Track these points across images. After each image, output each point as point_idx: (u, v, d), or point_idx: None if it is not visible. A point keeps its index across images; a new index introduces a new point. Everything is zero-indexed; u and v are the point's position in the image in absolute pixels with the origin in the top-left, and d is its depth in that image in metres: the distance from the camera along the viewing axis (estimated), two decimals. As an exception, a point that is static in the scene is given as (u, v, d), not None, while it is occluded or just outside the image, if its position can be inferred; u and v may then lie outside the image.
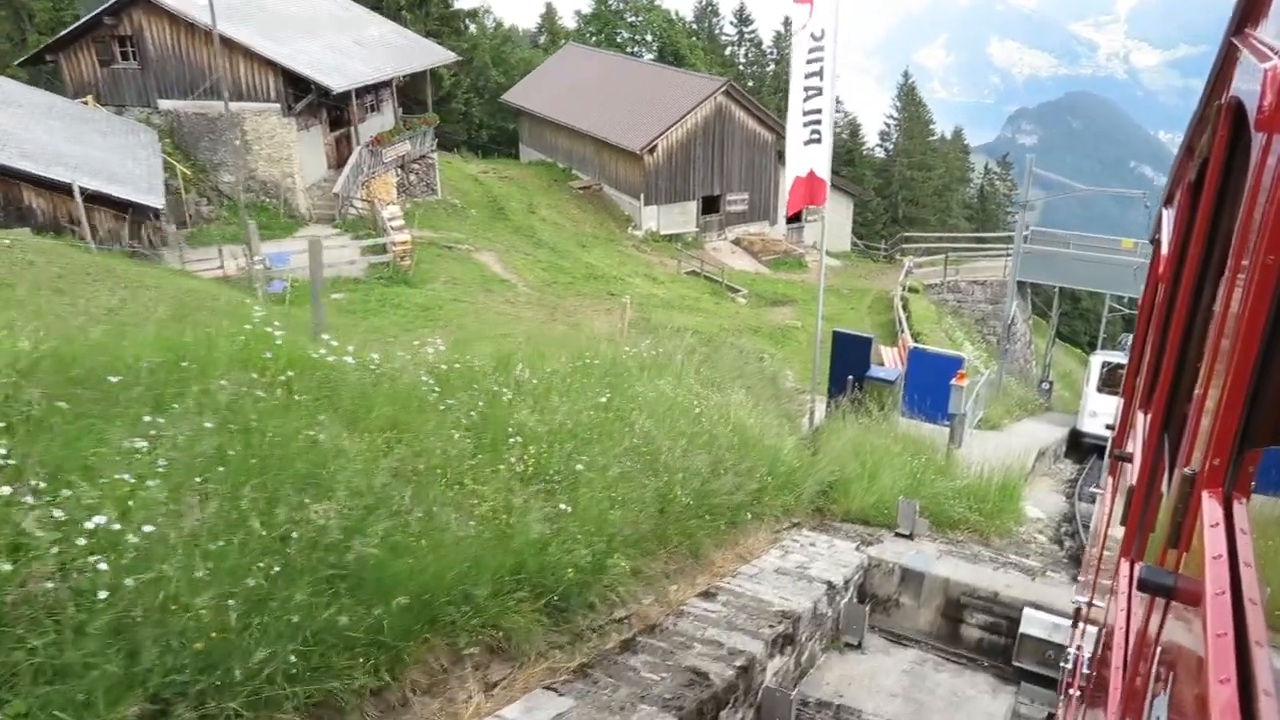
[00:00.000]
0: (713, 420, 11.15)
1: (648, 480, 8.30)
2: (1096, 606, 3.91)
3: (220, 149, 28.49)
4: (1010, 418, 23.82)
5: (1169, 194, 3.89)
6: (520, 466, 7.36)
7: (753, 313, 30.45)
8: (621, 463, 8.35)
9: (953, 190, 73.88)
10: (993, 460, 14.60)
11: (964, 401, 16.42)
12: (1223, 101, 2.17)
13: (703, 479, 9.16)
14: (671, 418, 10.34)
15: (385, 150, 31.10)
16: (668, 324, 25.68)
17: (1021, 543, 13.17)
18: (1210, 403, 1.59)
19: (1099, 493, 8.77)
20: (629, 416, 9.46)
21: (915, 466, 13.13)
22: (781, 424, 13.86)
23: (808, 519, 11.67)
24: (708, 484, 9.20)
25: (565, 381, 9.48)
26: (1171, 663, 1.54)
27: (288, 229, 27.97)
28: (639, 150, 38.47)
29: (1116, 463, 4.54)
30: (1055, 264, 32.12)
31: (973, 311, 35.62)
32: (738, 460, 10.05)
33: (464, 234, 30.88)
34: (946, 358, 18.34)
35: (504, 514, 6.49)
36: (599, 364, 10.90)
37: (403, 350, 8.62)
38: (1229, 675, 1.11)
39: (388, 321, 19.53)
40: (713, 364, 14.21)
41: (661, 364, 12.11)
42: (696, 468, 9.18)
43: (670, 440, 9.28)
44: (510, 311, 23.30)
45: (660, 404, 10.29)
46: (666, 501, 8.39)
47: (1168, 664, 1.58)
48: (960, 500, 12.64)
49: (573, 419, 8.52)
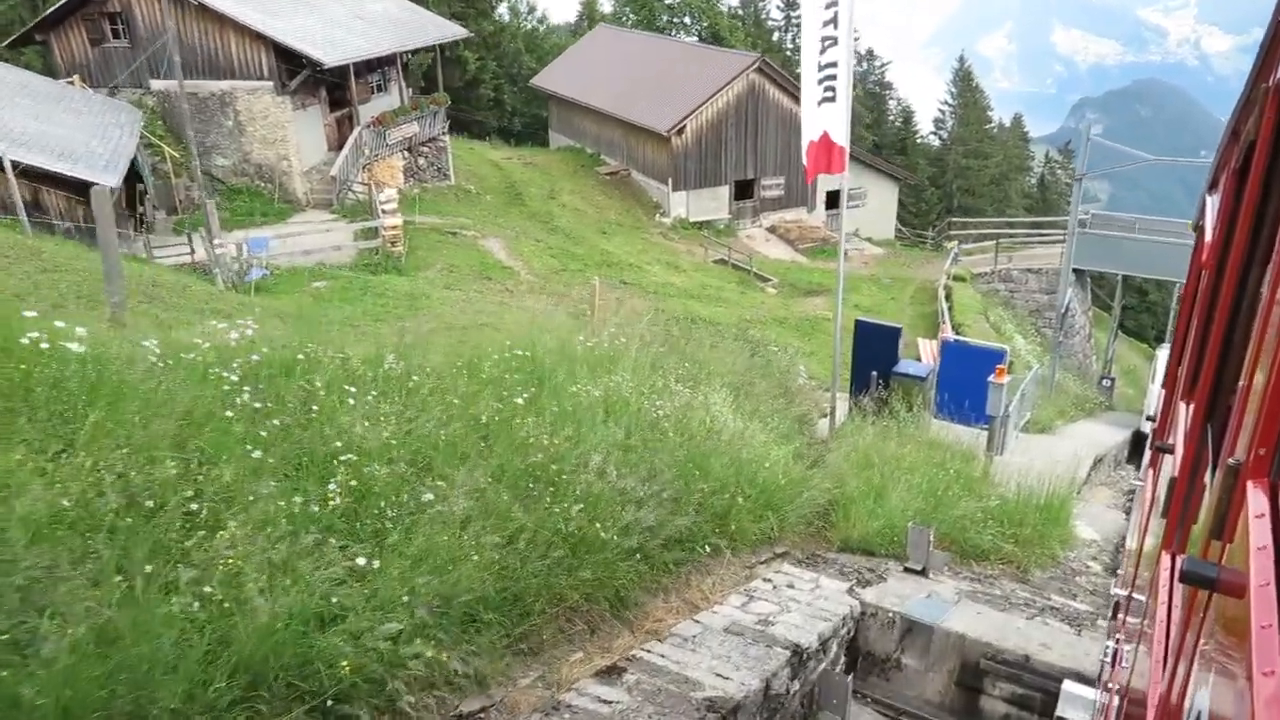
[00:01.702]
0: (679, 426, 8.99)
1: (549, 508, 6.20)
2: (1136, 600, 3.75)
3: (212, 131, 26.88)
4: (1064, 418, 21.24)
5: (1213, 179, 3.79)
6: (337, 499, 5.30)
7: (781, 303, 28.10)
8: (507, 488, 6.26)
9: (1011, 179, 70.80)
10: (1039, 469, 12.16)
11: (1004, 401, 13.99)
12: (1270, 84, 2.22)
13: (639, 504, 7.04)
14: (614, 424, 8.20)
15: (390, 131, 29.24)
16: (682, 314, 23.51)
17: (1069, 576, 10.73)
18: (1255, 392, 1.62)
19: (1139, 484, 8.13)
20: (540, 423, 7.34)
21: (938, 481, 10.77)
22: (784, 428, 11.67)
23: (798, 546, 9.45)
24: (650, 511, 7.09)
25: (448, 381, 7.40)
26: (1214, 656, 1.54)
27: (281, 214, 26.30)
28: (666, 132, 36.22)
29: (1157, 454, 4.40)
30: (1117, 249, 29.30)
31: (1026, 302, 32.83)
32: (690, 477, 7.88)
33: (472, 220, 28.96)
34: (985, 351, 15.90)
35: (259, 579, 4.40)
36: (532, 357, 8.81)
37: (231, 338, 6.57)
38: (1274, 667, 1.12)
39: (358, 311, 17.64)
40: (696, 357, 12.00)
41: (616, 357, 9.92)
42: (631, 490, 7.05)
43: (600, 455, 7.16)
44: (506, 300, 21.31)
45: (594, 408, 8.15)
46: (577, 538, 6.30)
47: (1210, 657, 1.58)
48: (991, 524, 10.31)
49: (442, 430, 6.43)
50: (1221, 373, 2.61)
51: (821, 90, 13.35)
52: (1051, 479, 11.52)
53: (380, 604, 4.70)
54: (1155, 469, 4.64)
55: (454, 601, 5.00)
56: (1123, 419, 22.95)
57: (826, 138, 13.52)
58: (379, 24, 29.79)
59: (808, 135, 13.41)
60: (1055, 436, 19.27)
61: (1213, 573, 1.55)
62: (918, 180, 53.11)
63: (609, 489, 6.82)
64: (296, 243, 22.72)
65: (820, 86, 13.34)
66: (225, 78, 26.50)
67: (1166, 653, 2.27)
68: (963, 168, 66.69)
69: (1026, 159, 78.65)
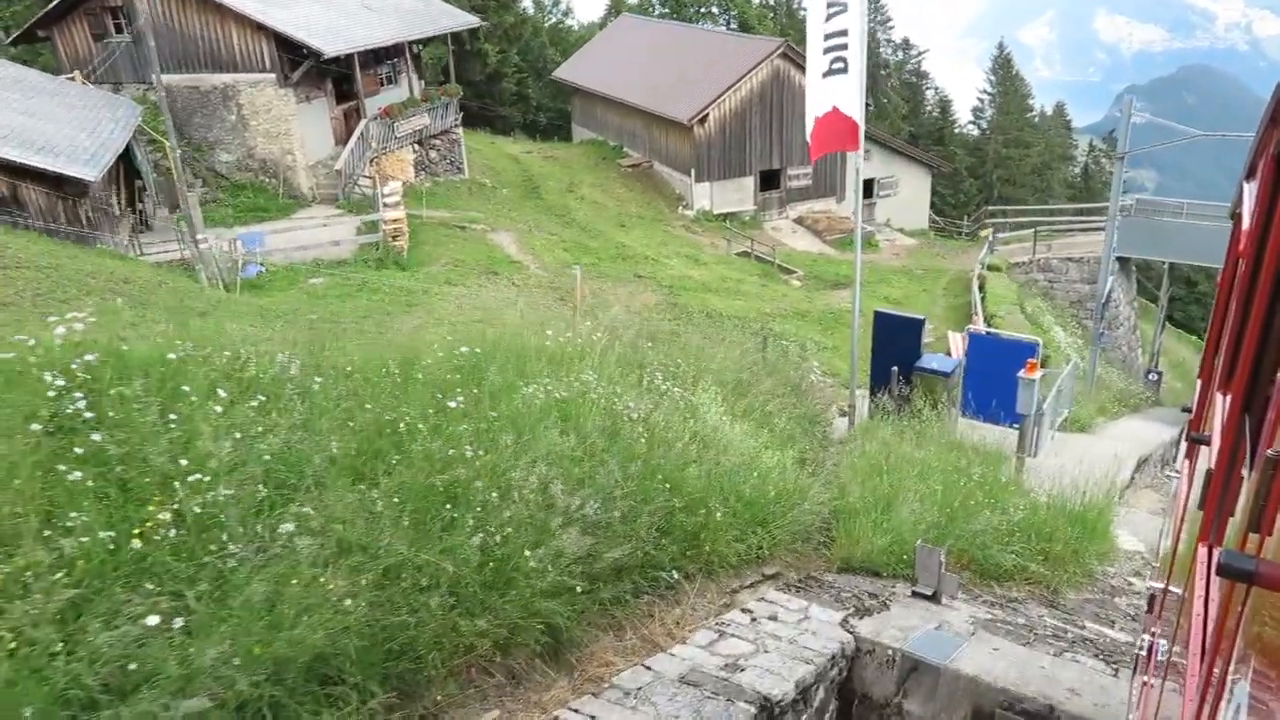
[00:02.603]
0: (653, 432, 7.90)
1: (466, 535, 5.16)
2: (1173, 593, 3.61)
3: (214, 125, 26.16)
4: (1106, 415, 19.81)
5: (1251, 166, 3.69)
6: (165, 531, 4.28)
7: (805, 296, 26.83)
8: (413, 512, 5.22)
9: (1054, 169, 68.88)
10: (1076, 473, 10.86)
11: (1035, 399, 12.69)
12: None
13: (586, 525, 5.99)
14: (570, 430, 7.15)
15: (399, 124, 28.35)
16: (698, 308, 22.38)
17: (1107, 597, 9.47)
18: None
19: None
20: (473, 432, 6.29)
21: (956, 489, 9.56)
22: (790, 429, 10.54)
23: (793, 566, 8.31)
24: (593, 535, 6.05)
25: (370, 385, 6.37)
26: (1253, 648, 1.54)
27: (285, 210, 25.52)
28: (688, 121, 35.01)
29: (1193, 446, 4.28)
30: (1163, 235, 27.70)
31: (1067, 293, 31.24)
32: (652, 491, 6.79)
33: (484, 214, 28.00)
34: (1015, 344, 14.64)
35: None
36: (483, 354, 7.77)
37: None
38: None
39: (347, 308, 16.73)
40: (687, 352, 10.90)
41: (587, 353, 8.83)
42: (575, 509, 5.99)
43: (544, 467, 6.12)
44: (510, 296, 20.32)
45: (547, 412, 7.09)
46: (494, 570, 5.26)
47: (1249, 650, 1.58)
48: (1018, 537, 9.10)
49: (333, 442, 5.40)
50: (1260, 363, 2.58)
51: (829, 61, 12.25)
52: (1089, 484, 10.29)
53: (191, 672, 3.65)
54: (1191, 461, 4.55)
55: (296, 663, 3.94)
56: (1170, 415, 21.43)
57: (837, 112, 12.42)
58: (386, 13, 28.92)
59: (813, 110, 12.34)
60: (1095, 435, 17.91)
61: (1251, 565, 1.54)
62: (951, 168, 51.45)
63: (544, 509, 5.75)
64: (293, 238, 21.92)
65: (827, 57, 12.25)
66: (227, 70, 25.77)
67: (1204, 646, 2.27)
68: (1003, 157, 65.05)
69: (1069, 148, 76.65)
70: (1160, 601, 4.23)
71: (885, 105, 63.49)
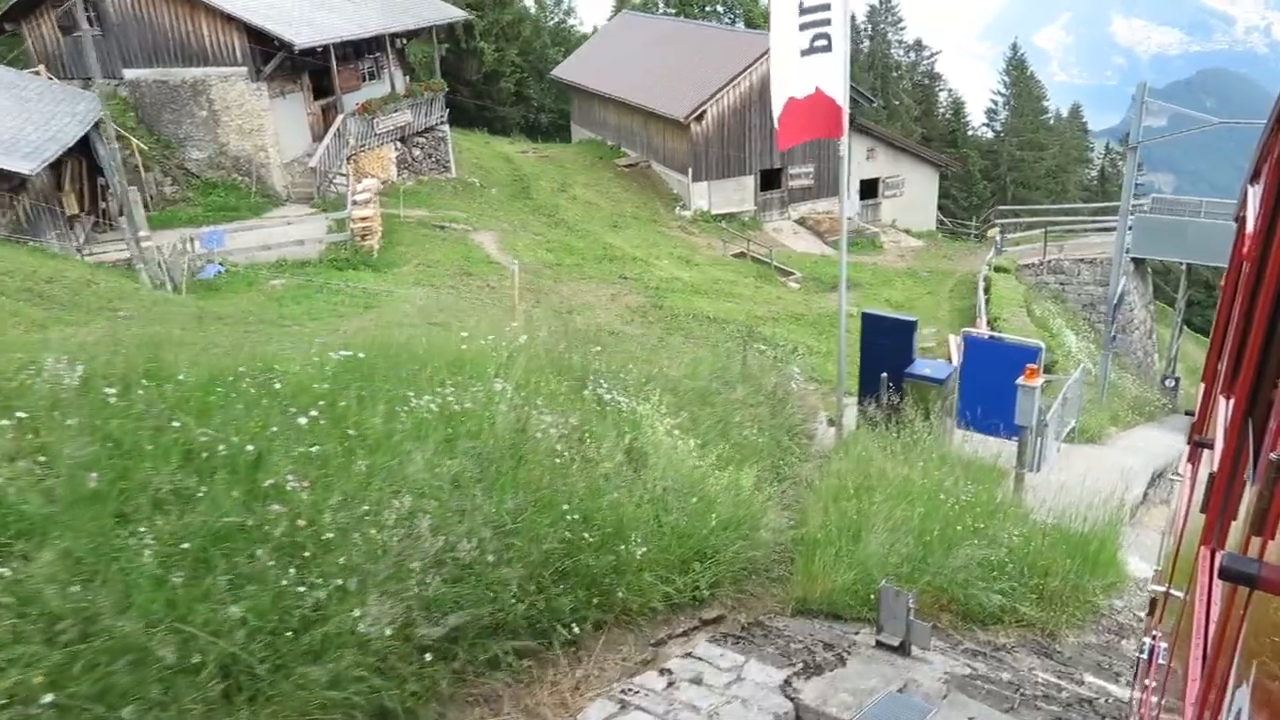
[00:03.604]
0: (572, 450, 6.71)
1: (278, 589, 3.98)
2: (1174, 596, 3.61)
3: (185, 121, 25.13)
4: (1118, 424, 18.49)
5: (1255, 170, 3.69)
6: None
7: (800, 299, 25.59)
8: (194, 559, 4.05)
9: (1069, 172, 67.44)
10: (1082, 491, 9.60)
11: (1036, 408, 11.39)
12: None
13: (457, 567, 4.83)
14: (457, 451, 5.96)
15: (379, 120, 27.26)
16: (684, 311, 21.18)
17: (1114, 638, 8.23)
18: None
19: None
20: (312, 456, 5.10)
21: (940, 513, 8.31)
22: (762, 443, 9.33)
23: (741, 608, 7.09)
24: (475, 576, 4.89)
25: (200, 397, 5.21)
26: (1254, 653, 1.52)
27: (257, 209, 24.45)
28: (684, 119, 33.81)
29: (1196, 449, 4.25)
30: (1180, 235, 26.31)
31: (1079, 296, 29.84)
32: (546, 526, 5.61)
33: (467, 213, 26.88)
34: (1014, 348, 13.38)
35: None
36: (367, 359, 6.60)
37: None
38: None
39: (298, 310, 15.60)
40: (636, 357, 9.71)
41: (506, 358, 7.60)
42: (443, 550, 4.83)
43: (410, 499, 4.96)
44: (482, 298, 19.17)
45: (431, 429, 5.90)
46: (311, 634, 4.05)
47: (1250, 654, 1.55)
48: (1010, 571, 7.85)
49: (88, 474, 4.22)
50: (1263, 367, 2.49)
51: (809, 38, 10.99)
52: (1095, 502, 9.04)
53: None
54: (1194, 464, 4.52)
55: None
56: (1187, 424, 20.06)
57: (820, 95, 11.17)
58: (365, 4, 27.83)
59: (786, 91, 11.08)
60: (1106, 447, 16.61)
61: (1253, 569, 1.55)
62: (959, 168, 50.09)
63: (400, 552, 4.56)
64: (256, 237, 20.86)
65: (806, 34, 10.99)
66: (197, 64, 24.73)
67: (1205, 650, 2.26)
68: (1017, 160, 63.56)
69: (1086, 151, 75.15)
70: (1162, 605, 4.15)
71: (897, 107, 62.16)
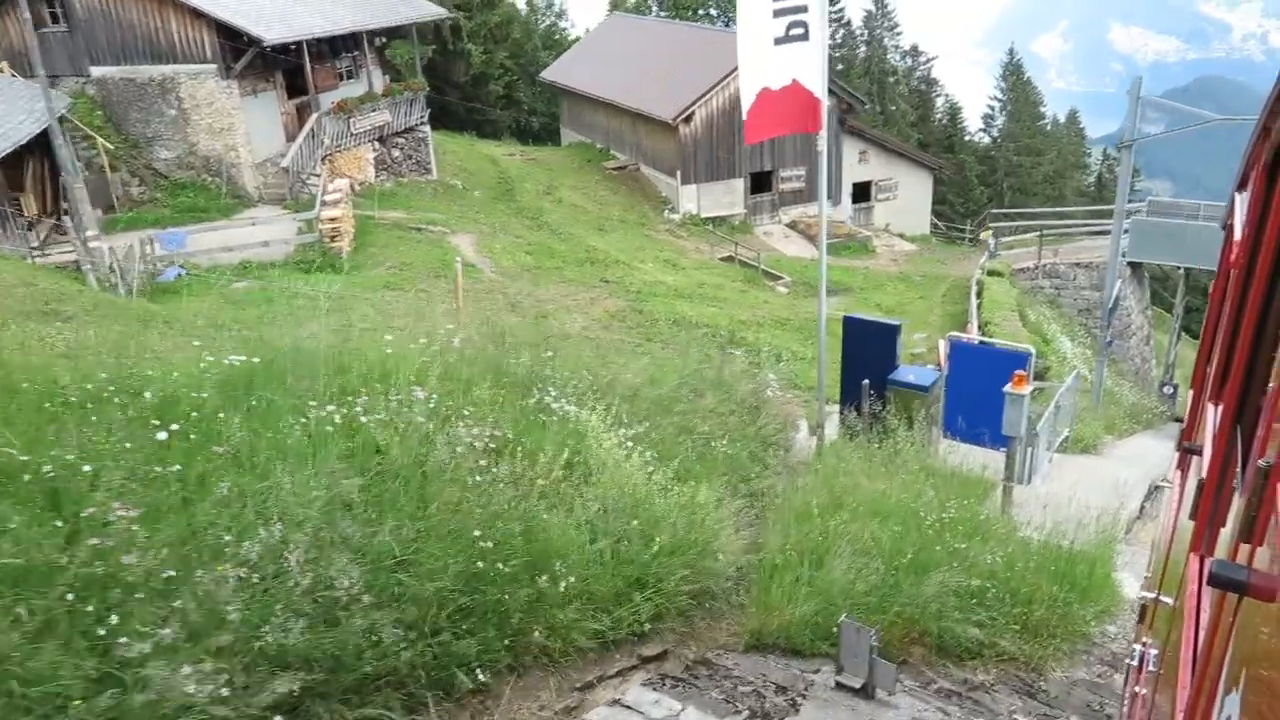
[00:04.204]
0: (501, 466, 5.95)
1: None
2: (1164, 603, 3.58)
3: (153, 120, 24.39)
4: (1114, 433, 17.72)
5: (1242, 177, 3.72)
6: None
7: (788, 303, 24.82)
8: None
9: (1066, 177, 66.61)
10: (1073, 507, 8.84)
11: (1025, 417, 10.63)
12: None
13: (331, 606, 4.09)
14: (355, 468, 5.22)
15: (356, 120, 26.51)
16: (665, 315, 20.43)
17: (1107, 669, 7.47)
18: None
19: None
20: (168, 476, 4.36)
21: (916, 533, 7.55)
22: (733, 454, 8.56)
23: (689, 640, 6.33)
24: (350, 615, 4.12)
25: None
26: (1244, 659, 1.52)
27: (227, 211, 23.70)
28: (672, 120, 33.07)
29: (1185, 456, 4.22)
30: (1178, 239, 25.58)
31: (1075, 301, 29.10)
32: (449, 555, 4.85)
33: (446, 215, 26.14)
34: (1002, 353, 12.64)
35: None
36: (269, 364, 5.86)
37: None
38: None
39: (255, 314, 14.85)
40: (587, 364, 8.94)
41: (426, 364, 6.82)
42: (317, 588, 4.09)
43: (280, 529, 4.20)
44: (451, 301, 18.43)
45: (327, 445, 5.18)
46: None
47: (1240, 661, 1.56)
48: (990, 599, 7.09)
49: None
50: (1251, 374, 2.54)
51: (784, 26, 10.13)
52: (1088, 518, 8.29)
53: None
54: (1183, 471, 4.38)
55: None
56: (1178, 430, 19.26)
57: (797, 86, 10.35)
58: (341, 1, 27.10)
59: (758, 82, 10.24)
60: (1102, 457, 15.84)
61: (1242, 575, 1.55)
62: (952, 173, 49.38)
63: (245, 592, 3.81)
64: (220, 238, 20.12)
65: (780, 21, 10.11)
66: (166, 61, 23.98)
67: (1195, 657, 2.26)
68: (1014, 165, 62.84)
69: (1083, 156, 74.47)
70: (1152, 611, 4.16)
71: (894, 112, 61.45)
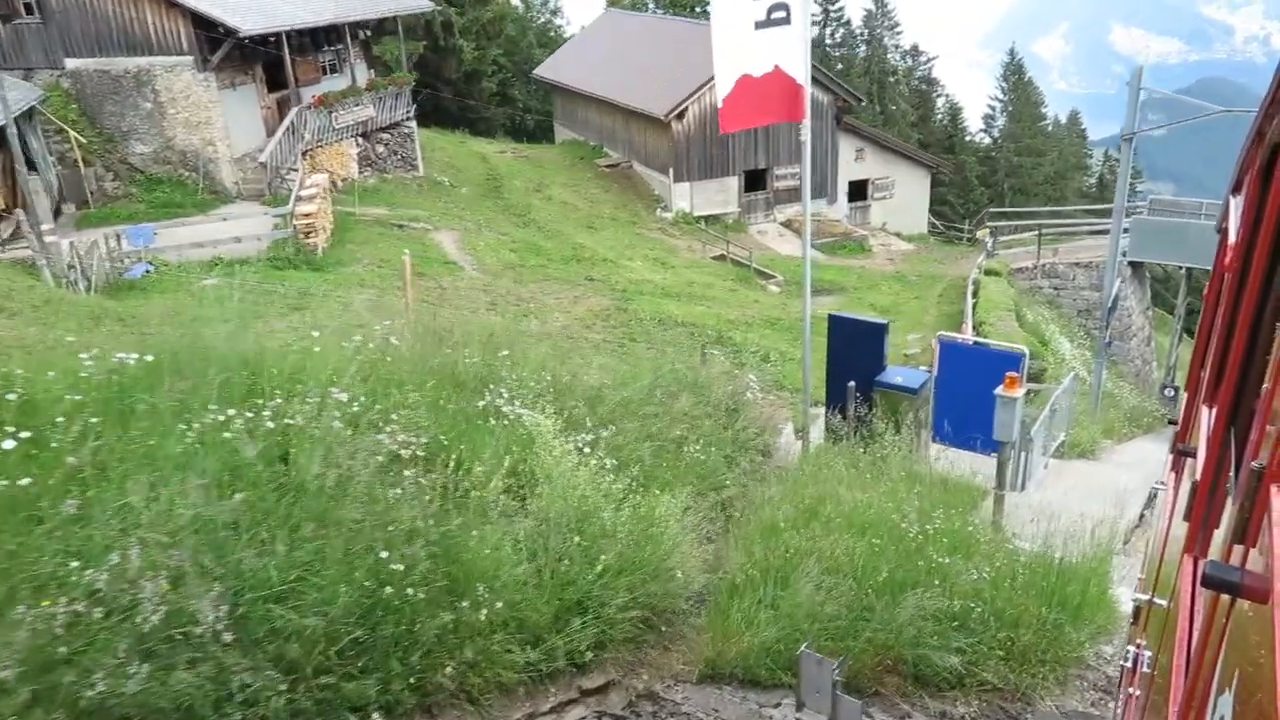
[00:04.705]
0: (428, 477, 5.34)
1: None
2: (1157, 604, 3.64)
3: (128, 113, 23.77)
4: (1113, 437, 17.06)
5: (1236, 181, 3.73)
6: None
7: (780, 302, 24.23)
8: None
9: (1067, 179, 65.94)
10: (1073, 512, 8.23)
11: (1017, 421, 9.98)
12: None
13: None
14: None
15: (338, 114, 25.89)
16: (650, 315, 19.82)
17: (1101, 696, 6.86)
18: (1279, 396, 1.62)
19: None
20: None
21: (892, 549, 6.94)
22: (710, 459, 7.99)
23: (641, 668, 5.72)
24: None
25: None
26: (1237, 661, 1.53)
27: (204, 206, 23.09)
28: (664, 117, 32.45)
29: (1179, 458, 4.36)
30: (1180, 238, 24.95)
31: (1074, 301, 28.44)
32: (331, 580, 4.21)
33: (431, 212, 25.53)
34: (994, 353, 12.02)
35: None
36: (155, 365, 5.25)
37: None
38: None
39: (217, 311, 14.22)
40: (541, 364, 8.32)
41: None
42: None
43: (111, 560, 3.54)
44: (431, 299, 17.82)
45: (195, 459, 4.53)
46: None
47: (1233, 662, 1.57)
48: (973, 624, 6.46)
49: None
50: (1244, 377, 2.54)
51: (764, 8, 9.47)
52: (1083, 529, 7.69)
53: None
54: (1177, 473, 4.35)
55: None
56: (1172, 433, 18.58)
57: (779, 73, 9.72)
58: (323, -10, 26.55)
59: (738, 68, 9.63)
60: (1100, 462, 15.17)
61: (1236, 577, 1.55)
62: (950, 171, 48.65)
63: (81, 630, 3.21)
64: (190, 234, 19.53)
65: (761, 2, 9.47)
66: (141, 53, 23.37)
67: (1188, 659, 2.27)
68: (1015, 166, 62.22)
69: (1084, 157, 73.82)
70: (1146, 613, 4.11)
71: (894, 112, 60.84)
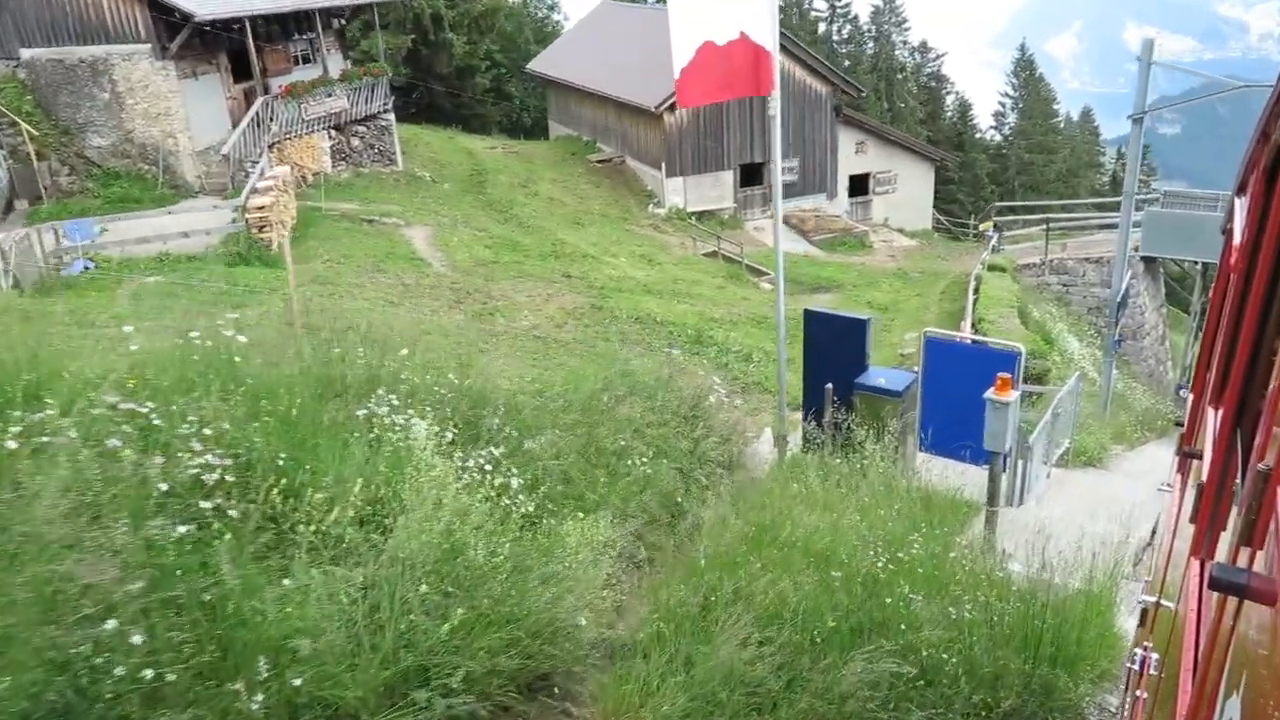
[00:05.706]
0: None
1: None
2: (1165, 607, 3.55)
3: (84, 105, 22.66)
4: (1125, 442, 15.68)
5: (1241, 181, 3.69)
6: None
7: (770, 300, 22.91)
8: None
9: (1080, 176, 64.43)
10: (1072, 531, 6.93)
11: (1010, 429, 8.62)
12: None
13: None
14: None
15: (308, 105, 24.74)
16: (627, 313, 18.57)
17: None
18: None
19: None
20: None
21: (856, 584, 5.63)
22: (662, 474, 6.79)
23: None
24: None
25: None
26: (1245, 663, 1.53)
27: (163, 201, 21.94)
28: (655, 109, 31.17)
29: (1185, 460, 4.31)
30: (1195, 232, 23.45)
31: (1084, 298, 27.00)
32: None
33: (405, 207, 24.36)
34: (986, 352, 10.72)
35: None
36: None
37: None
38: None
39: (144, 308, 13.15)
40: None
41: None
42: None
43: None
44: (390, 297, 16.66)
45: None
46: None
47: (1240, 665, 1.57)
48: (943, 677, 5.12)
49: None
50: (1250, 378, 2.50)
51: (727, -33, 8.47)
52: (1085, 553, 6.35)
53: None
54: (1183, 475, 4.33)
55: None
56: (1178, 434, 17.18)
57: (745, 41, 8.69)
58: (289, -25, 25.38)
59: (699, 35, 8.77)
60: (1108, 471, 13.78)
61: (1242, 579, 1.54)
62: (955, 165, 47.23)
63: None
64: (134, 228, 18.41)
65: (723, -38, 8.45)
66: (97, 41, 22.24)
67: (1195, 661, 2.25)
68: (1026, 163, 60.82)
69: (1097, 155, 72.24)
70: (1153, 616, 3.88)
71: (902, 109, 59.51)
